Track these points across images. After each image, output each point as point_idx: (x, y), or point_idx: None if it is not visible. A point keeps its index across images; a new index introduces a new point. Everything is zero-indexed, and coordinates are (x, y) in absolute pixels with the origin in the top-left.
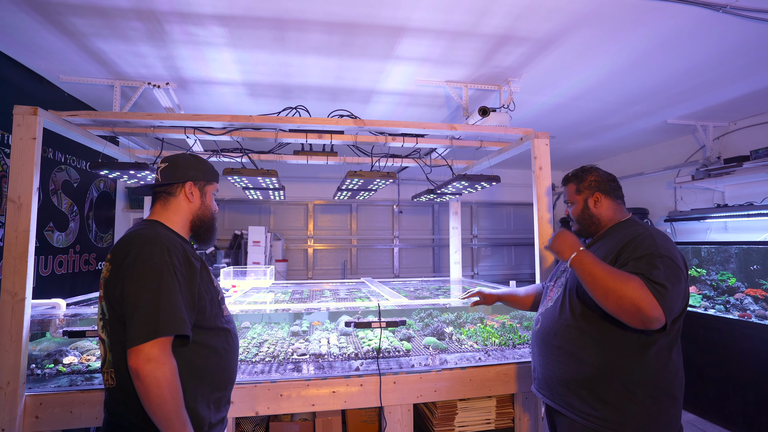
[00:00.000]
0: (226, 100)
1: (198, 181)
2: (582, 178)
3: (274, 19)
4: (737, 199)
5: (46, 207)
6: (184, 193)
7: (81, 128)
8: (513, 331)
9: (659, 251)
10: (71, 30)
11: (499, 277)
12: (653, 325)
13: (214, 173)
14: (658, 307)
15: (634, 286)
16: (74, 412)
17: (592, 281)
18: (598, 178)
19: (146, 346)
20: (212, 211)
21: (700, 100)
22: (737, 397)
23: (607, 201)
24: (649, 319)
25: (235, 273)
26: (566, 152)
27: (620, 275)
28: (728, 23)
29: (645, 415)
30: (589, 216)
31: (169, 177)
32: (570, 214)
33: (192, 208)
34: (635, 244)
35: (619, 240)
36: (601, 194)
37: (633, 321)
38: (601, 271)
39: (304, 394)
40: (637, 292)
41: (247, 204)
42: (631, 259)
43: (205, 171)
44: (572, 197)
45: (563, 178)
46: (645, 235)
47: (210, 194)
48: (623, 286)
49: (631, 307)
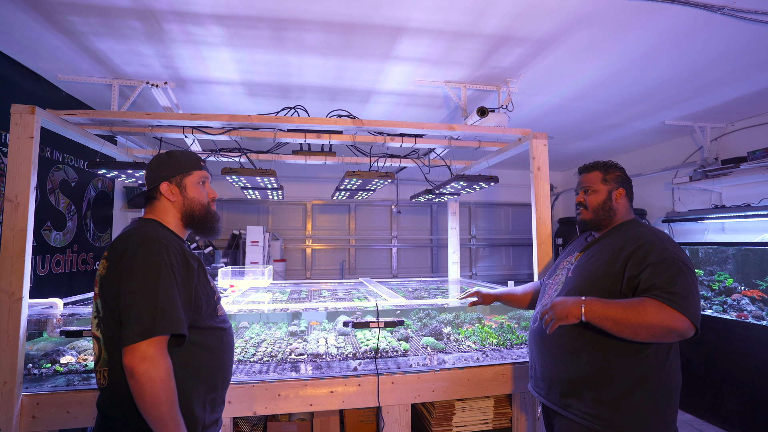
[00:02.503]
0: (225, 100)
1: (173, 178)
2: (610, 169)
3: (273, 19)
4: (735, 200)
5: (43, 206)
6: (163, 194)
7: (79, 127)
8: (511, 331)
9: (671, 255)
10: (69, 29)
11: (497, 277)
12: (688, 336)
13: (192, 162)
14: (684, 319)
15: (654, 311)
16: (71, 412)
17: (616, 325)
18: (624, 176)
19: (142, 345)
20: (201, 202)
21: (698, 102)
22: (734, 398)
23: (625, 199)
24: (684, 333)
25: (233, 273)
26: (564, 153)
27: (636, 308)
28: (726, 25)
29: (642, 414)
30: (609, 208)
31: (148, 181)
32: (586, 201)
33: (176, 205)
34: (646, 249)
35: (625, 241)
36: (624, 191)
37: (669, 339)
38: (617, 311)
39: (302, 394)
40: (660, 316)
41: (246, 204)
42: (646, 266)
43: (178, 165)
44: (596, 185)
45: (585, 165)
46: (653, 239)
47: (192, 185)
48: (645, 316)
49: (663, 331)
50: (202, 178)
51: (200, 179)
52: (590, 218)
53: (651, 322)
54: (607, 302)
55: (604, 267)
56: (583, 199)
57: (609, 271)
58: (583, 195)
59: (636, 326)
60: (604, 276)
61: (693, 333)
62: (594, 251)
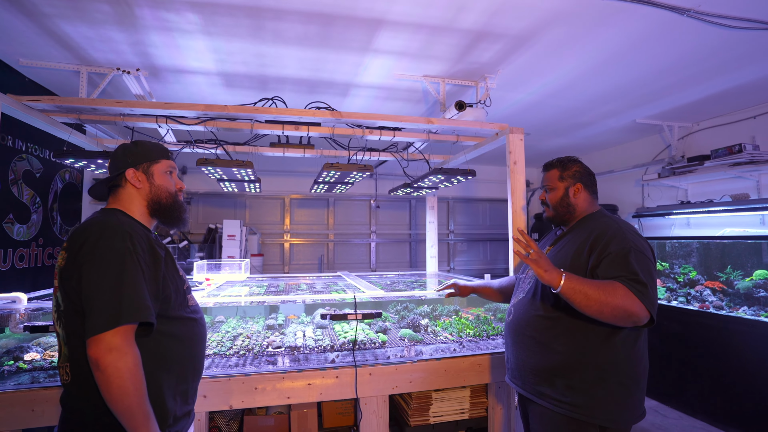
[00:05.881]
0: (201, 90)
1: (140, 165)
2: (566, 166)
3: (251, 7)
4: (699, 197)
5: (4, 197)
6: (129, 181)
7: (44, 114)
8: (487, 322)
9: (630, 245)
10: (31, 10)
11: (475, 271)
12: (642, 323)
13: (159, 151)
14: (644, 308)
15: (622, 294)
16: (36, 410)
17: (585, 299)
18: (581, 170)
19: (107, 335)
20: (168, 190)
21: (667, 101)
22: (695, 383)
23: (584, 193)
24: (640, 320)
25: (209, 267)
26: (540, 150)
27: (607, 287)
28: (692, 27)
29: (613, 400)
30: (567, 204)
31: (112, 169)
32: (547, 200)
33: (143, 192)
34: (608, 238)
35: (590, 232)
36: (581, 186)
37: (625, 324)
38: (591, 288)
39: (279, 387)
40: (626, 300)
41: (222, 197)
42: (606, 255)
43: (145, 152)
44: (554, 183)
45: (546, 164)
46: (615, 228)
47: (160, 173)
48: (614, 297)
49: (624, 314)
50: (169, 168)
51: (168, 168)
52: (552, 215)
53: (617, 304)
54: (583, 279)
55: (571, 259)
56: (544, 198)
57: (575, 262)
58: (544, 193)
59: (603, 304)
60: (571, 268)
61: (647, 321)
62: (562, 245)
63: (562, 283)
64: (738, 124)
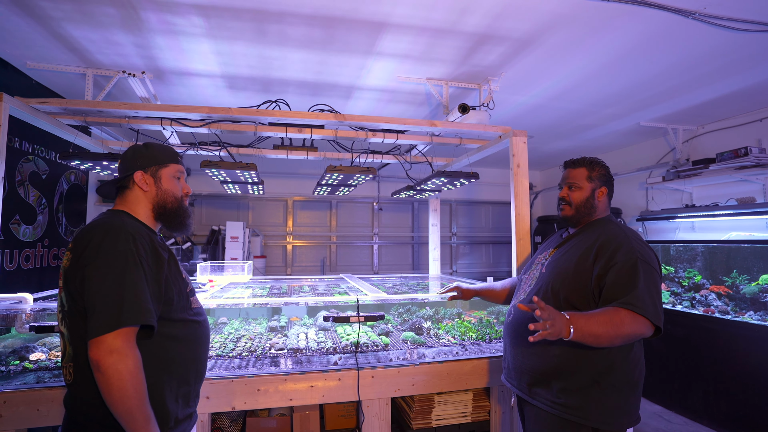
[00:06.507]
0: (205, 93)
1: (148, 168)
2: (594, 167)
3: (255, 11)
4: (704, 200)
5: (11, 199)
6: (136, 183)
7: (50, 117)
8: (490, 325)
9: (637, 255)
10: (39, 13)
11: (478, 274)
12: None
13: (169, 155)
14: (651, 326)
15: (629, 321)
16: (41, 410)
17: (596, 340)
18: (607, 174)
19: (108, 337)
20: (174, 195)
21: (671, 104)
22: (699, 388)
23: (606, 198)
24: (648, 335)
25: (212, 268)
26: (543, 152)
27: (613, 320)
28: (697, 30)
29: (607, 402)
30: (591, 206)
31: (121, 171)
32: (570, 198)
33: (149, 195)
34: (615, 247)
35: (597, 237)
36: (606, 189)
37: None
38: (598, 327)
39: (282, 388)
40: (633, 326)
41: (225, 199)
42: (613, 264)
43: (154, 156)
44: (581, 182)
45: (572, 161)
46: (622, 237)
47: (168, 177)
48: (621, 328)
49: (634, 337)
50: (178, 172)
51: (176, 173)
52: (572, 214)
53: (626, 333)
54: (588, 318)
55: (576, 264)
56: (566, 195)
57: (580, 267)
58: (567, 190)
59: (613, 338)
60: (576, 272)
61: (653, 332)
62: (567, 248)
63: (571, 335)
64: (744, 127)
